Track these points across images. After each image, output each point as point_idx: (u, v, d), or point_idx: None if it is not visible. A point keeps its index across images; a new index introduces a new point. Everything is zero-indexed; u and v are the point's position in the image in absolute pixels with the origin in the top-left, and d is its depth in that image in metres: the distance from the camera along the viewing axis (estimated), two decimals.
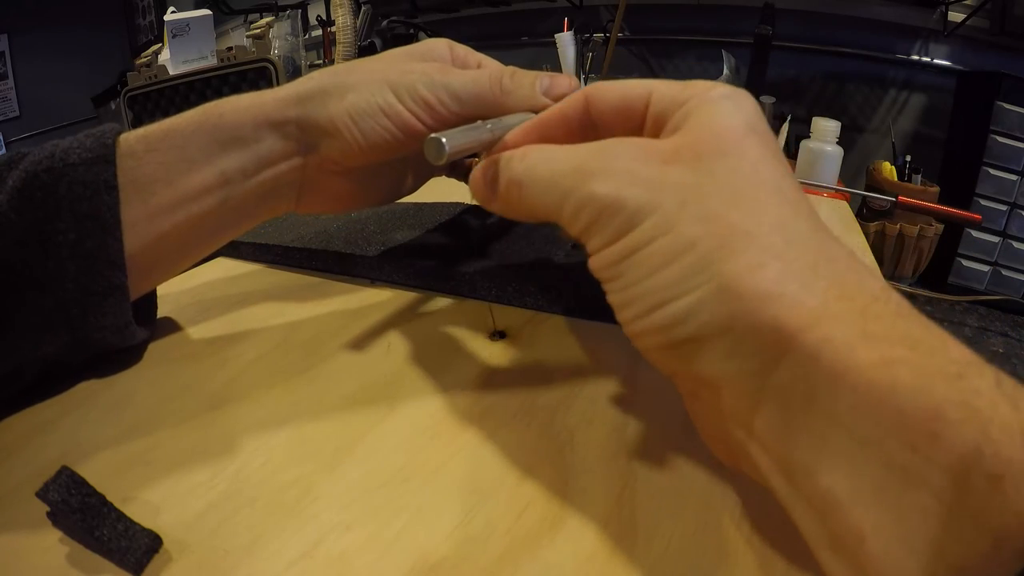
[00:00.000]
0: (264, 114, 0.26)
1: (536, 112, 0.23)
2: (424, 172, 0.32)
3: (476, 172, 0.22)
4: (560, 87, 0.24)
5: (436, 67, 0.26)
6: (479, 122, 0.22)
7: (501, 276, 0.31)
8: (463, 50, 0.29)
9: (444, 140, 0.19)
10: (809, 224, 0.16)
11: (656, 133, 0.19)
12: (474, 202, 0.23)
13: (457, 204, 0.42)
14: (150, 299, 0.30)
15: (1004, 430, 0.11)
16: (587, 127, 0.21)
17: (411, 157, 0.28)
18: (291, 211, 0.29)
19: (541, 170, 0.19)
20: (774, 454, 0.15)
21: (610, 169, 0.17)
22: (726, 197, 0.16)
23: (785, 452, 0.15)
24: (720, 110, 0.17)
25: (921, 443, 0.12)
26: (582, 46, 1.27)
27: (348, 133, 0.25)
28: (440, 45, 0.28)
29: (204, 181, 0.25)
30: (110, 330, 0.25)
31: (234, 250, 0.40)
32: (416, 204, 0.42)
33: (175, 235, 0.26)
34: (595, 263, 0.18)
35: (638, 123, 0.19)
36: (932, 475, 0.12)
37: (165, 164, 0.25)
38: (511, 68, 0.26)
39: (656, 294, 0.16)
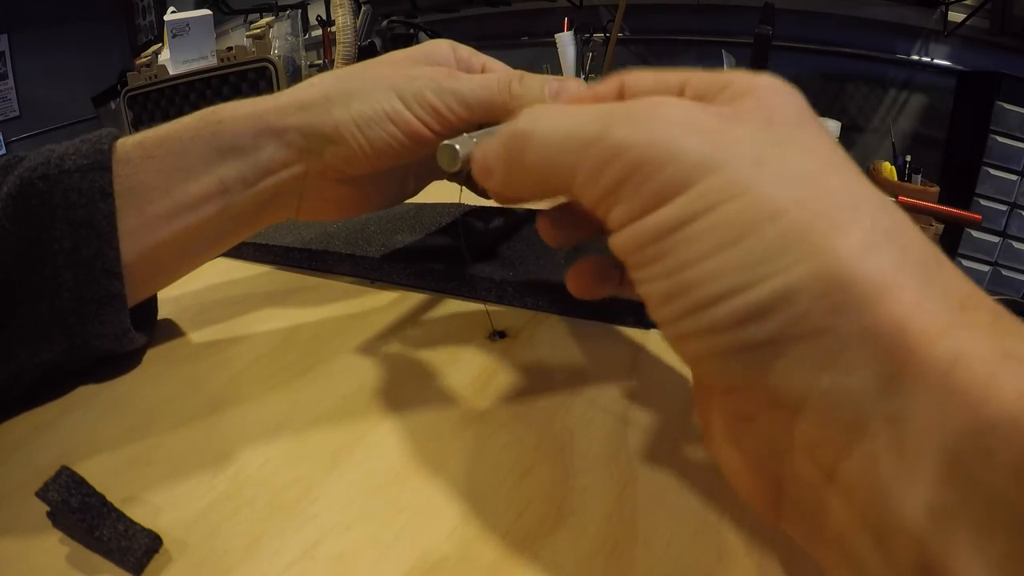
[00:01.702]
0: (265, 122, 0.25)
1: None
2: (426, 175, 0.32)
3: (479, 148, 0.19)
4: (569, 91, 0.24)
5: (443, 72, 0.25)
6: (489, 127, 0.21)
7: (501, 277, 0.31)
8: (467, 51, 0.29)
9: (458, 147, 0.19)
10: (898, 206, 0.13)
11: None
12: (475, 204, 0.22)
13: (458, 205, 0.42)
14: (150, 303, 0.30)
15: None
16: None
17: (413, 161, 0.28)
18: (291, 218, 0.29)
19: (558, 121, 0.15)
20: (865, 506, 0.11)
21: (654, 114, 0.13)
22: (818, 161, 0.13)
23: (882, 505, 0.11)
24: (777, 89, 0.14)
25: None
26: (582, 46, 1.28)
27: (354, 141, 0.25)
28: (443, 47, 0.28)
29: (202, 190, 0.25)
30: (108, 337, 0.25)
31: (235, 251, 0.40)
32: (417, 205, 0.42)
33: (173, 243, 0.25)
34: (624, 240, 0.14)
35: None
36: None
37: (162, 172, 0.25)
38: (519, 72, 0.25)
39: (724, 278, 0.12)
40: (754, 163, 0.12)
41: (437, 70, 0.26)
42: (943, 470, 0.10)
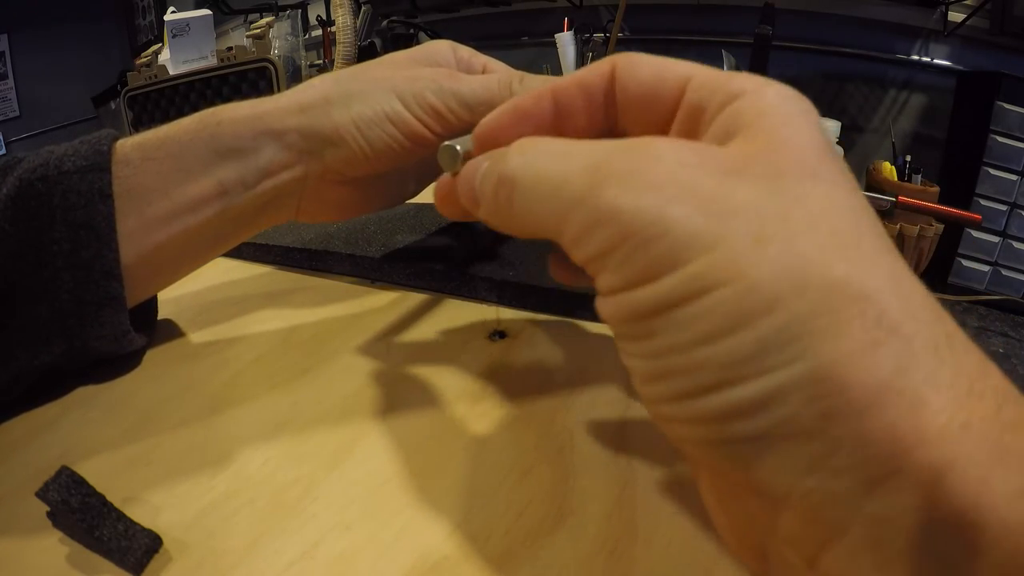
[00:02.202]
0: (264, 124, 0.25)
1: None
2: (427, 176, 0.32)
3: (447, 179, 0.18)
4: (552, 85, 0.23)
5: (444, 73, 0.25)
6: None
7: (501, 277, 0.31)
8: (467, 52, 0.28)
9: (459, 148, 0.19)
10: (913, 276, 0.12)
11: (691, 130, 0.15)
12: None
13: None
14: (149, 304, 0.30)
15: None
16: (604, 107, 0.16)
17: (413, 163, 0.28)
18: (291, 219, 0.29)
19: (545, 165, 0.14)
20: None
21: (646, 172, 0.12)
22: (825, 237, 0.11)
23: None
24: (792, 113, 0.13)
25: None
26: (582, 46, 1.27)
27: (354, 142, 0.25)
28: (443, 48, 0.28)
29: (201, 192, 0.25)
30: (108, 339, 0.25)
31: (235, 251, 0.40)
32: (417, 205, 0.42)
33: (172, 245, 0.25)
34: (612, 309, 0.13)
35: (666, 113, 0.15)
36: None
37: (161, 174, 0.25)
38: (519, 73, 0.25)
39: (712, 371, 0.11)
40: (753, 241, 0.11)
41: (437, 71, 0.26)
42: (927, 570, 0.10)
